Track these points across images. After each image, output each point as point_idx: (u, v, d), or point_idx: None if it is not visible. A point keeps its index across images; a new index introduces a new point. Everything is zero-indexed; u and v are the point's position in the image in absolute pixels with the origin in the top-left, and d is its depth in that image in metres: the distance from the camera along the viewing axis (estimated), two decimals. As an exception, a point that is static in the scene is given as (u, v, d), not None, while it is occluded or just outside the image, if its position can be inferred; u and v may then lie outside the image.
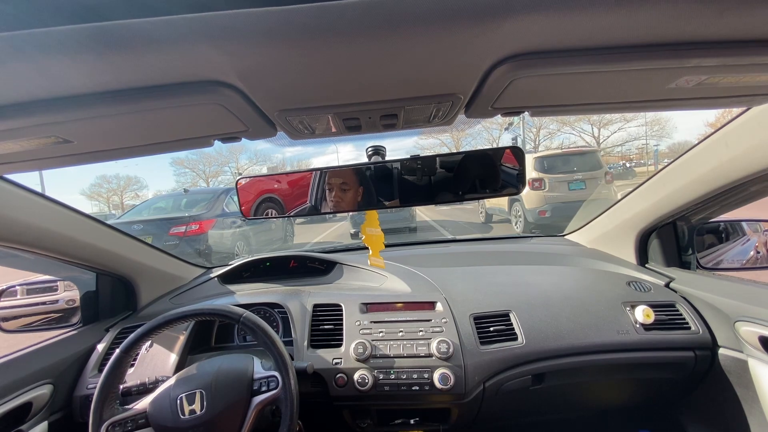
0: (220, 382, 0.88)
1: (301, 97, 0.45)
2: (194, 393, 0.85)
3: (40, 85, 0.37)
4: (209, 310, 0.93)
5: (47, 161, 0.59)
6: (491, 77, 0.42)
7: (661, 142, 30.03)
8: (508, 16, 0.31)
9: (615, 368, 1.13)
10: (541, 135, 29.73)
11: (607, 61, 0.39)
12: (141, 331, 0.92)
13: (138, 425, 0.86)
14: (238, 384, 0.88)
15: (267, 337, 0.91)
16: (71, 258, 1.15)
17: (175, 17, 0.28)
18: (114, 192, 36.54)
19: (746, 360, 1.02)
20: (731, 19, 0.34)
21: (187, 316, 0.93)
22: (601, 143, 29.64)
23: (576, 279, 1.33)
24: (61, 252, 1.11)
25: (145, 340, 0.92)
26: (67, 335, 1.23)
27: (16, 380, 1.00)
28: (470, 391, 1.05)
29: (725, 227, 1.34)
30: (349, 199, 0.75)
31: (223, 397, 0.85)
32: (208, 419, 0.83)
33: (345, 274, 1.49)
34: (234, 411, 0.85)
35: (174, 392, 0.86)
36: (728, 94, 0.51)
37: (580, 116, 19.82)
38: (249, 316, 0.92)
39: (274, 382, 0.89)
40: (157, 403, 0.87)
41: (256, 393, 0.88)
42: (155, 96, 0.40)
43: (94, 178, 40.88)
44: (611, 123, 28.05)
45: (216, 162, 35.32)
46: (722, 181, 1.00)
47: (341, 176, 0.75)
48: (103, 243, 1.21)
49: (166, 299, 1.46)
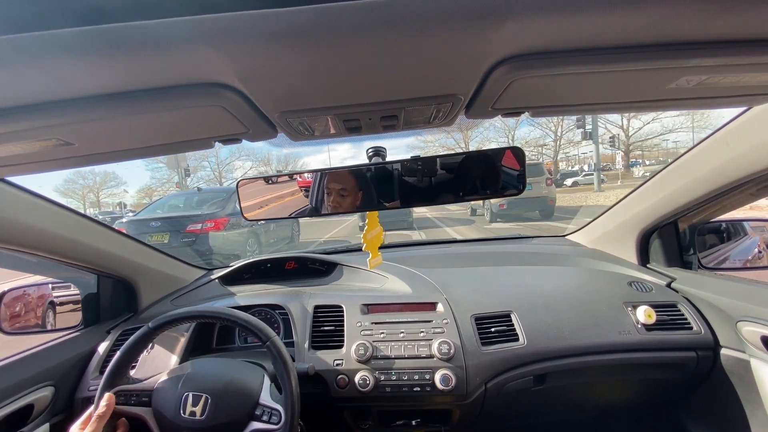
0: (227, 394, 0.87)
1: (302, 98, 0.45)
2: (200, 396, 0.85)
3: (42, 88, 0.37)
4: (243, 321, 0.93)
5: (48, 164, 0.59)
6: (491, 78, 0.42)
7: (702, 133, 27.42)
8: (509, 17, 0.31)
9: (616, 369, 1.13)
10: (564, 125, 28.78)
11: (608, 61, 0.39)
12: (179, 314, 0.92)
13: (141, 402, 0.88)
14: (243, 402, 0.87)
15: (285, 369, 0.89)
16: (73, 260, 1.15)
17: (177, 19, 0.28)
18: (90, 189, 34.51)
19: (748, 360, 1.02)
20: (732, 19, 0.34)
21: (224, 318, 0.94)
22: (630, 135, 28.44)
23: (577, 279, 1.33)
24: (63, 254, 1.11)
25: (177, 324, 0.93)
26: (69, 337, 1.23)
27: (18, 382, 1.00)
28: (472, 392, 1.05)
29: (727, 227, 1.34)
30: (350, 201, 0.75)
31: (226, 410, 0.85)
32: (205, 427, 0.83)
33: (346, 275, 1.49)
34: (231, 428, 0.85)
35: (182, 388, 0.87)
36: (729, 93, 0.51)
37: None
38: (275, 341, 0.91)
39: (277, 417, 0.87)
40: (162, 391, 0.88)
41: (257, 419, 0.87)
42: (156, 98, 0.40)
43: (69, 173, 37.32)
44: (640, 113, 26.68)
45: (194, 156, 32.21)
46: (723, 180, 1.00)
47: (342, 177, 0.75)
48: (104, 245, 1.21)
49: (167, 301, 1.46)
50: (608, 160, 33.44)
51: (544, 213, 9.71)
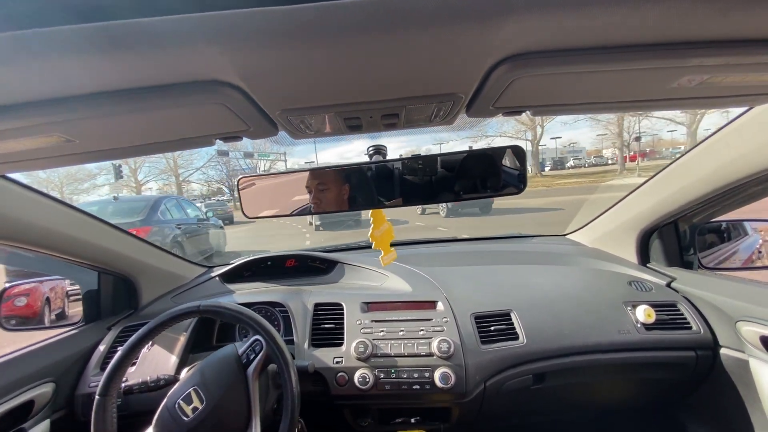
0: (208, 374, 0.88)
1: (303, 96, 0.45)
2: (188, 393, 0.85)
3: (43, 85, 0.37)
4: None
5: (49, 160, 0.60)
6: (492, 77, 0.42)
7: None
8: (509, 16, 0.31)
9: (616, 368, 1.13)
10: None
11: (609, 60, 0.39)
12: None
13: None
14: (226, 366, 0.89)
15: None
16: (74, 257, 1.16)
17: (178, 17, 0.28)
18: (55, 186, 30.94)
19: (747, 360, 1.02)
20: (735, 18, 0.33)
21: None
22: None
23: (577, 278, 1.33)
24: (64, 251, 1.11)
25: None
26: (69, 334, 1.24)
27: (18, 379, 1.01)
28: (471, 391, 1.05)
29: (727, 227, 1.34)
30: (351, 199, 0.75)
31: (217, 382, 0.86)
32: (212, 407, 0.83)
33: (346, 273, 1.49)
34: (234, 390, 0.85)
35: (169, 403, 0.86)
36: (730, 93, 0.51)
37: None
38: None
39: (259, 345, 0.89)
40: (159, 423, 0.86)
41: (248, 365, 0.88)
42: (157, 95, 0.40)
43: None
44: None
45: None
46: (724, 181, 1.00)
47: (343, 175, 0.75)
48: (105, 242, 1.21)
49: (168, 298, 1.46)
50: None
51: (483, 209, 11.38)
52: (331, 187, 0.75)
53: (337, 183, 0.74)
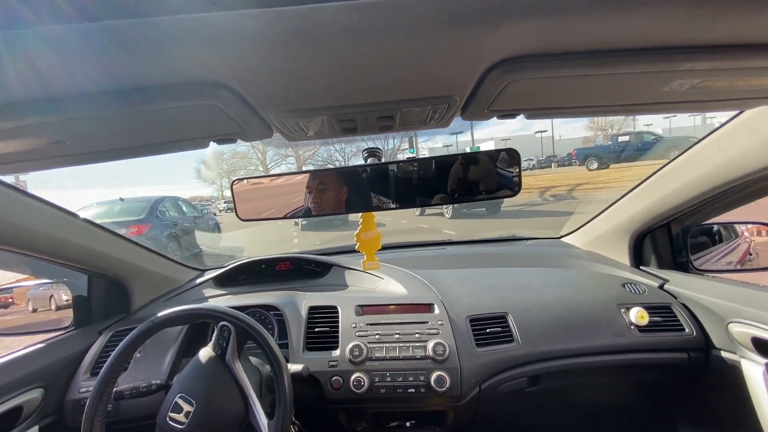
0: (188, 378, 0.88)
1: (297, 98, 0.45)
2: (175, 403, 0.84)
3: (34, 85, 0.37)
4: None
5: (40, 162, 0.59)
6: (487, 80, 0.42)
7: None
8: (504, 20, 0.32)
9: (610, 370, 1.14)
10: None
11: (602, 64, 0.40)
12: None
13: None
14: (202, 364, 0.89)
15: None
16: (63, 259, 1.14)
17: (173, 18, 0.28)
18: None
19: (739, 361, 1.03)
20: (724, 23, 0.34)
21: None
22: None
23: (571, 281, 1.34)
24: (53, 253, 1.09)
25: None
26: (59, 338, 1.22)
27: (6, 384, 0.99)
28: (466, 393, 1.05)
29: (719, 229, 1.35)
30: (346, 201, 0.75)
31: (200, 380, 0.86)
32: (204, 403, 0.83)
33: (341, 276, 1.48)
34: (218, 379, 0.86)
35: (161, 421, 0.85)
36: (721, 97, 0.52)
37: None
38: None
39: (227, 330, 0.90)
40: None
41: (223, 354, 0.89)
42: (150, 96, 0.40)
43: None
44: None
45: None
46: (716, 183, 1.01)
47: (337, 178, 0.75)
48: (95, 244, 1.20)
49: (161, 301, 1.45)
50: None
51: (490, 211, 10.83)
52: (329, 189, 0.74)
53: (335, 185, 0.74)
